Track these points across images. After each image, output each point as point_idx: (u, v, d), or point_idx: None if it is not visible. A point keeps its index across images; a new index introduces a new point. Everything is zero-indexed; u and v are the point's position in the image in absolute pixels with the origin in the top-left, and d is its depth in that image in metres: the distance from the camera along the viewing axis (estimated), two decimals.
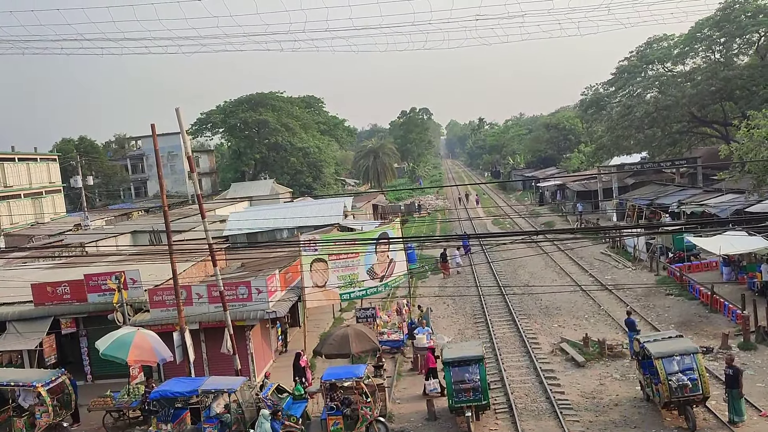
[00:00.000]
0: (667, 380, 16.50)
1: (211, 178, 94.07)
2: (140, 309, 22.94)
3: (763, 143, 31.80)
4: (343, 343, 20.77)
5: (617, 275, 35.31)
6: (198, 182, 21.11)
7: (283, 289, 24.63)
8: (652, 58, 57.34)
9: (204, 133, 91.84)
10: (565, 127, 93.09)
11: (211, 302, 21.68)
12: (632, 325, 23.21)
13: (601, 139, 59.73)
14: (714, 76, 48.23)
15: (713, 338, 23.40)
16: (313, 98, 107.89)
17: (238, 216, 43.65)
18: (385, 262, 26.45)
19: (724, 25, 48.68)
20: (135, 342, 19.33)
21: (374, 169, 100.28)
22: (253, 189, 71.65)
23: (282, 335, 26.85)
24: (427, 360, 20.93)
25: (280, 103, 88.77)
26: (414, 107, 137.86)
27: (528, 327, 27.25)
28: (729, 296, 26.58)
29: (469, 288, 34.84)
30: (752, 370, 19.99)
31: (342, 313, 31.69)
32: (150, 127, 20.13)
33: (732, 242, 27.24)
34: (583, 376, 21.45)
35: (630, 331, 22.85)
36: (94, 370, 23.84)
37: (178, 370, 20.57)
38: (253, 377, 21.59)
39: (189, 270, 26.23)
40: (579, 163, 74.97)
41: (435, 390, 19.70)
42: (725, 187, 40.05)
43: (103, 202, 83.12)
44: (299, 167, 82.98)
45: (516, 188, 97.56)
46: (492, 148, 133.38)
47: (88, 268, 26.34)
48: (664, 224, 38.87)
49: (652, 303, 28.96)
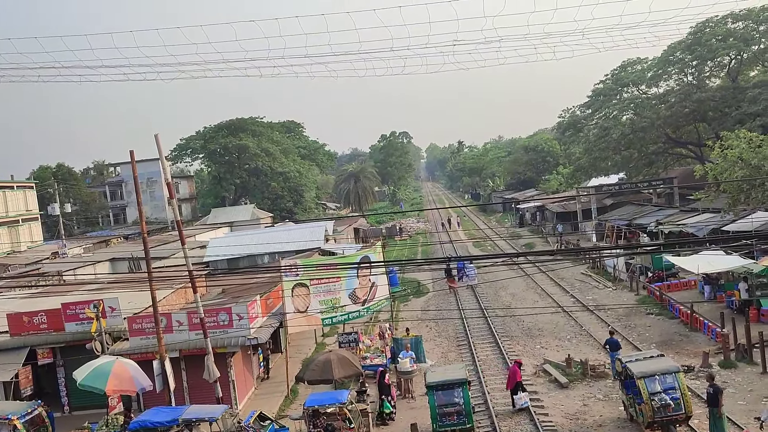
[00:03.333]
0: (650, 400, 16.55)
1: (191, 204, 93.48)
2: (119, 337, 22.59)
3: (737, 163, 32.41)
4: (326, 368, 20.60)
5: (598, 295, 35.52)
6: (177, 208, 20.98)
7: (264, 315, 24.42)
8: (627, 81, 58.42)
9: (183, 159, 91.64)
10: (544, 149, 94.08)
11: (191, 329, 21.41)
12: (615, 345, 23.26)
13: (579, 160, 60.53)
14: (687, 98, 49.25)
15: (694, 357, 23.56)
16: (293, 123, 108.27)
17: (218, 242, 43.37)
18: (366, 286, 26.38)
19: (696, 48, 49.83)
20: (114, 371, 18.98)
21: (355, 192, 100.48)
22: (233, 214, 71.27)
23: (264, 362, 26.54)
24: (514, 374, 20.79)
25: (260, 128, 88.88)
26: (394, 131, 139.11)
27: (511, 349, 27.24)
28: (708, 315, 26.85)
29: (451, 311, 34.80)
30: (733, 388, 20.13)
31: (324, 338, 31.45)
32: (129, 153, 20.05)
33: (710, 261, 27.60)
34: (567, 397, 21.44)
35: (611, 351, 22.90)
36: (72, 401, 23.33)
37: (158, 400, 20.22)
38: (234, 405, 21.29)
39: (169, 297, 25.93)
40: (558, 185, 75.74)
41: (525, 404, 19.65)
42: (701, 206, 40.65)
43: (81, 229, 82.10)
44: (280, 192, 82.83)
45: (496, 210, 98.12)
46: (471, 170, 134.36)
47: (66, 297, 25.89)
48: (642, 244, 39.29)
49: (633, 322, 29.13)
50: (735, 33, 48.91)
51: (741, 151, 32.25)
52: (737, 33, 48.85)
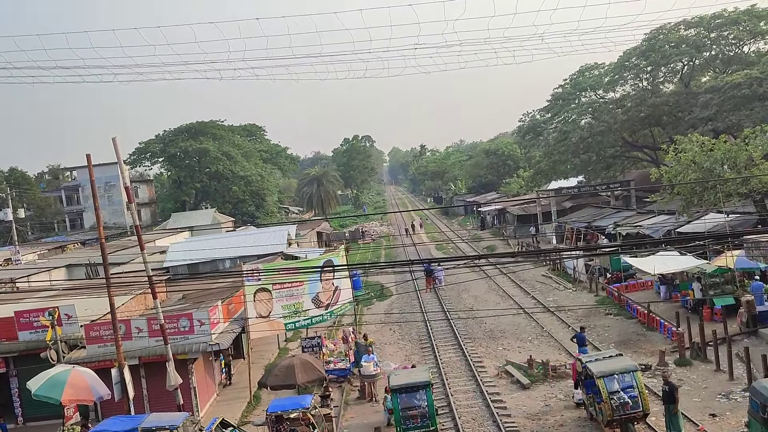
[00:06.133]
0: (609, 399, 16.86)
1: (150, 209, 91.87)
2: (76, 346, 22.04)
3: (690, 166, 33.26)
4: (289, 373, 20.46)
5: (558, 297, 36.06)
6: (137, 213, 20.61)
7: (226, 320, 24.13)
8: (585, 86, 59.59)
9: (143, 163, 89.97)
10: (504, 153, 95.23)
11: (151, 336, 21.04)
12: (582, 340, 23.76)
13: (539, 164, 61.43)
14: (642, 103, 50.44)
15: (651, 355, 24.08)
16: (254, 126, 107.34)
17: (178, 247, 42.68)
18: (330, 290, 26.29)
19: (650, 54, 51.08)
20: (70, 381, 18.51)
21: (318, 196, 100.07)
22: (193, 219, 70.27)
23: (226, 368, 26.23)
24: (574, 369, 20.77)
25: (220, 131, 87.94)
26: (357, 135, 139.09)
27: (473, 351, 27.46)
28: (664, 314, 27.49)
29: (414, 314, 34.93)
30: (688, 386, 20.63)
31: (287, 343, 31.24)
32: (86, 157, 19.58)
33: (665, 262, 28.31)
34: (529, 398, 21.70)
35: (580, 347, 23.38)
36: (26, 412, 22.67)
37: (117, 408, 19.78)
38: (196, 412, 20.98)
39: (128, 303, 25.44)
40: (518, 188, 76.74)
41: (581, 400, 19.64)
42: (657, 209, 41.63)
43: (36, 235, 80.00)
44: (241, 196, 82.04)
45: (458, 213, 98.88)
46: (434, 174, 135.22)
47: (20, 305, 25.18)
48: (601, 246, 40.02)
49: (592, 323, 29.65)
50: (687, 40, 50.30)
51: (694, 154, 33.11)
52: (689, 40, 50.25)
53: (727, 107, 43.31)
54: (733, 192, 31.91)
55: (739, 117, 42.25)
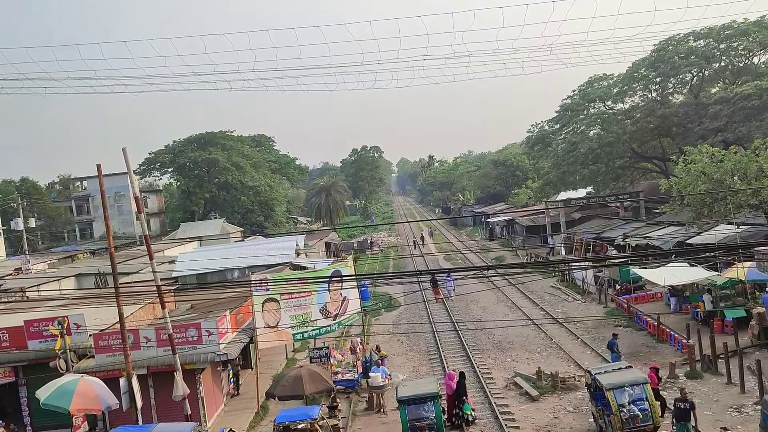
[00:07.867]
0: (618, 411, 16.72)
1: (159, 219, 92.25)
2: (84, 355, 22.11)
3: (700, 177, 33.13)
4: (297, 384, 20.43)
5: (567, 308, 35.87)
6: (146, 223, 20.70)
7: (234, 330, 24.14)
8: (594, 97, 59.50)
9: (152, 173, 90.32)
10: (513, 164, 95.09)
11: (159, 346, 21.08)
12: (611, 347, 23.75)
13: (547, 174, 61.33)
14: (652, 114, 50.35)
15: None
16: (263, 137, 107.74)
17: (187, 256, 42.81)
18: (338, 300, 26.26)
19: (659, 65, 51.02)
20: (78, 390, 18.54)
21: (326, 206, 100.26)
22: (202, 229, 70.45)
23: (234, 378, 26.22)
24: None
25: (229, 142, 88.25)
26: (365, 145, 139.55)
27: (482, 362, 27.33)
28: (674, 326, 27.28)
29: (422, 324, 34.83)
30: (699, 399, 20.41)
31: (295, 353, 31.20)
32: (96, 167, 19.71)
33: (675, 273, 28.12)
34: (537, 409, 21.55)
35: (612, 353, 23.34)
36: (35, 420, 22.71)
37: (125, 418, 19.80)
38: (203, 422, 20.96)
39: (137, 313, 25.50)
40: (527, 199, 76.58)
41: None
42: (666, 220, 41.43)
43: (46, 244, 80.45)
44: (250, 206, 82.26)
45: (466, 224, 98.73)
46: (442, 184, 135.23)
47: (29, 314, 25.29)
48: (610, 257, 39.82)
49: (601, 335, 29.44)
50: (696, 51, 50.23)
51: (704, 165, 32.99)
52: (699, 51, 50.18)
53: (737, 118, 43.17)
54: (744, 203, 31.73)
55: (750, 128, 42.10)
